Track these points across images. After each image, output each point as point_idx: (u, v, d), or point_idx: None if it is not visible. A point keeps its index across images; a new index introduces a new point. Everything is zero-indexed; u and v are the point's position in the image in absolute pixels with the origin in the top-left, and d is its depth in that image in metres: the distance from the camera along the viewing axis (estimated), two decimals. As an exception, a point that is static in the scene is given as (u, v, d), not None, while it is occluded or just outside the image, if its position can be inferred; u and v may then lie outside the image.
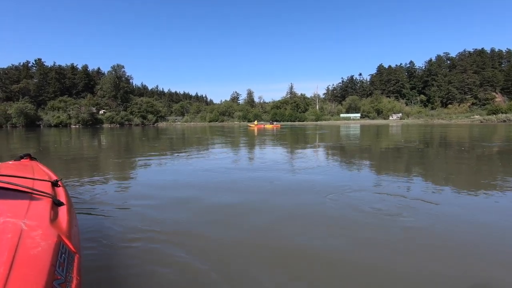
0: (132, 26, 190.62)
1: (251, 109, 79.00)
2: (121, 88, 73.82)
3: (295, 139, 13.57)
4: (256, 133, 18.90)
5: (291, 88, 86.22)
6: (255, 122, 40.24)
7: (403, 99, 76.27)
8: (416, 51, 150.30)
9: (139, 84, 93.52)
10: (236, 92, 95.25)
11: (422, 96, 77.00)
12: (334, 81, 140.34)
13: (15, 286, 0.50)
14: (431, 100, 75.30)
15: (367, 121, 61.48)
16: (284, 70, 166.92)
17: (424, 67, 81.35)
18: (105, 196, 3.33)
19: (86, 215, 2.56)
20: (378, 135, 16.74)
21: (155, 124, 68.58)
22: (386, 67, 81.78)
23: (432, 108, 72.14)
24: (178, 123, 71.17)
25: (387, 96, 74.87)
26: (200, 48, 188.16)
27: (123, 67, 75.72)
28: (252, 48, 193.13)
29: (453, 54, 79.85)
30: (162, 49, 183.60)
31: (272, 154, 7.82)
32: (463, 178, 4.67)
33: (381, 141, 12.59)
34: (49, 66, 75.00)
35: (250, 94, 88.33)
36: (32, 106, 65.00)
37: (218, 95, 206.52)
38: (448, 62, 78.98)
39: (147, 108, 74.21)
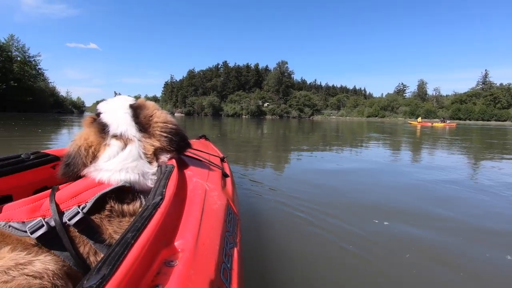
0: (296, 26, 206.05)
1: (421, 104, 68.26)
2: (283, 83, 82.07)
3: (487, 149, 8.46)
4: (419, 133, 15.24)
5: (485, 76, 67.06)
6: (419, 119, 34.46)
7: None
8: None
9: (299, 79, 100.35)
10: (402, 83, 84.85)
11: None
12: None
13: (205, 227, 0.70)
14: None
15: None
16: (474, 53, 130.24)
17: None
18: (260, 175, 3.76)
19: (242, 189, 2.95)
20: None
21: (311, 118, 72.00)
22: None
23: None
24: (333, 117, 71.43)
25: None
26: (358, 41, 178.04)
27: (286, 63, 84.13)
28: (426, 30, 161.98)
29: None
30: (322, 44, 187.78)
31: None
32: None
33: None
34: (232, 66, 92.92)
35: (421, 85, 76.24)
36: (218, 99, 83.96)
37: (379, 87, 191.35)
38: None
39: (304, 102, 79.01)
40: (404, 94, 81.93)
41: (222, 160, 1.77)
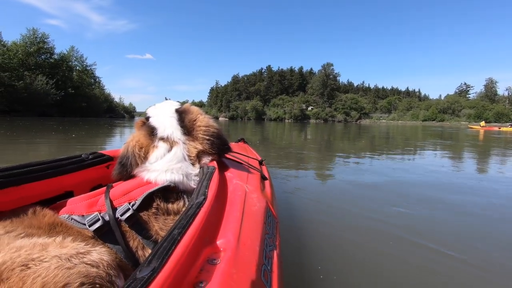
0: (342, 26, 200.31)
1: (489, 106, 60.96)
2: (328, 86, 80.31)
3: None
4: (481, 139, 13.37)
5: None
6: (482, 123, 30.95)
7: None
8: None
9: (345, 81, 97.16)
10: (464, 83, 76.83)
11: None
12: None
13: (246, 228, 0.71)
14: None
15: None
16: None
17: None
18: (300, 181, 3.72)
19: (281, 192, 2.95)
20: None
21: (358, 121, 69.03)
22: None
23: None
24: (383, 121, 67.63)
25: None
26: (411, 40, 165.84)
27: (332, 65, 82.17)
28: (491, 23, 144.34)
29: None
30: (370, 44, 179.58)
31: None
32: None
33: None
34: (275, 70, 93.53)
35: (490, 84, 68.35)
36: (261, 103, 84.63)
37: (436, 89, 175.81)
38: None
39: (351, 105, 76.29)
40: (467, 95, 74.09)
41: (260, 163, 1.80)
